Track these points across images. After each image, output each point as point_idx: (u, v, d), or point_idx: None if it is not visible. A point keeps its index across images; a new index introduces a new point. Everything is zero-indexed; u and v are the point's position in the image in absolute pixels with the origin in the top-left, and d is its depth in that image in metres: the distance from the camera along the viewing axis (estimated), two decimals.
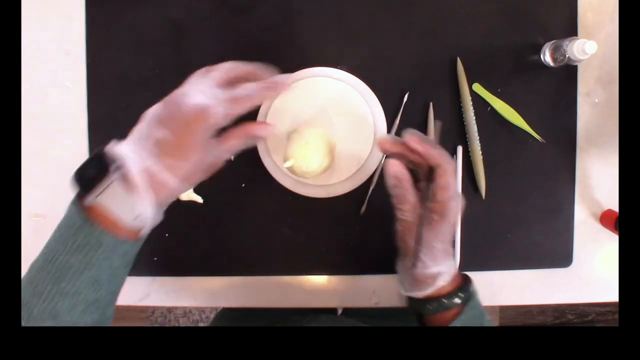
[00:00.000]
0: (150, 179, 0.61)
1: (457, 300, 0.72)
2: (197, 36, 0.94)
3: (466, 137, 0.93)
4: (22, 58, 0.94)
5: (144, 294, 0.97)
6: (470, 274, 0.96)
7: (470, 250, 0.95)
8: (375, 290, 0.97)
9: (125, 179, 0.61)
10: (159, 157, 0.62)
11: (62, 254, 0.62)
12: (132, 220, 0.62)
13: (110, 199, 0.62)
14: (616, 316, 2.15)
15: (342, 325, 0.91)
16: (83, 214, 0.62)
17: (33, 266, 0.64)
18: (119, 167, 0.62)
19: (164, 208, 0.66)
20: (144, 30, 0.94)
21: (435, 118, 0.93)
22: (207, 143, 0.66)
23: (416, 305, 0.75)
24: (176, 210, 0.94)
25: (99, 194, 0.61)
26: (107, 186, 0.61)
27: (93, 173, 0.62)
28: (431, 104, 0.93)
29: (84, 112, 0.94)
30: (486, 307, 0.76)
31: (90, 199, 0.62)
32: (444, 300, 0.72)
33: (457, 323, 0.70)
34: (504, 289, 0.97)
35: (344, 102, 0.91)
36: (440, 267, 0.71)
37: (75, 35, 0.94)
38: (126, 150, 0.62)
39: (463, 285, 0.74)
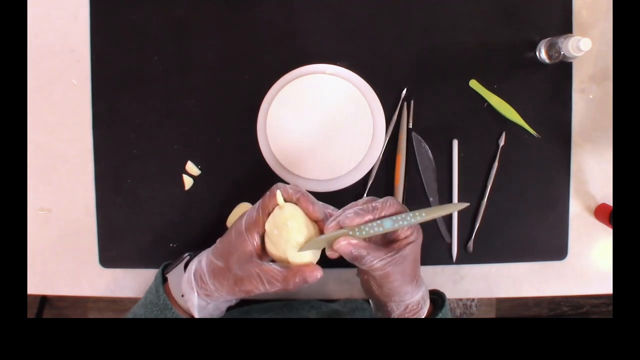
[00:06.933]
0: (195, 268, 0.71)
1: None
2: (199, 34, 0.95)
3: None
4: (28, 55, 0.95)
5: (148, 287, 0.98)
6: (467, 267, 0.97)
7: (466, 244, 0.96)
8: None
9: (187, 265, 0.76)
10: (208, 255, 0.72)
11: (140, 306, 0.76)
12: (180, 297, 0.73)
13: (172, 275, 0.76)
14: (610, 308, 2.17)
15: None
16: (160, 280, 0.76)
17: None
18: (188, 256, 0.79)
19: (212, 303, 0.73)
20: (148, 27, 0.95)
21: (427, 112, 0.95)
22: (244, 258, 0.68)
23: None
24: (179, 204, 0.95)
25: (170, 271, 0.77)
26: (175, 266, 0.77)
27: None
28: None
29: (89, 108, 0.95)
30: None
31: (167, 272, 0.78)
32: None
33: None
34: (500, 282, 0.99)
35: (342, 98, 0.92)
36: (416, 302, 0.72)
37: (80, 32, 0.95)
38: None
39: (432, 312, 0.76)
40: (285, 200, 0.68)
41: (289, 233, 0.67)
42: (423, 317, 0.73)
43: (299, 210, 0.68)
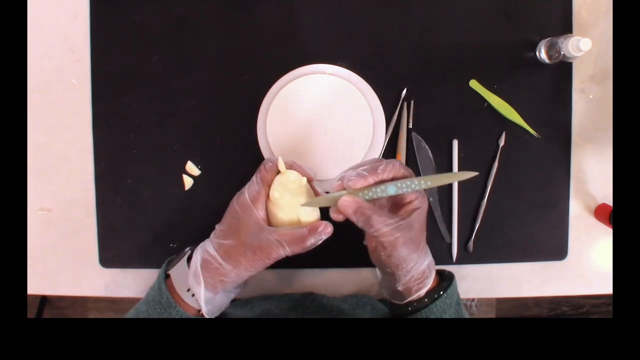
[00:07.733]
0: (202, 258, 0.71)
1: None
2: (199, 34, 0.95)
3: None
4: (28, 55, 0.95)
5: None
6: (467, 267, 0.97)
7: (467, 244, 0.96)
8: (374, 283, 0.99)
9: (190, 259, 0.75)
10: (212, 240, 0.73)
11: (143, 303, 0.75)
12: (185, 292, 0.72)
13: (174, 271, 0.75)
14: (610, 308, 2.17)
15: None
16: (162, 278, 0.75)
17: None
18: (190, 250, 0.77)
19: (220, 292, 0.73)
20: (148, 27, 0.95)
21: (427, 112, 0.95)
22: (256, 229, 0.70)
23: (400, 310, 0.76)
24: (179, 204, 0.95)
25: (172, 267, 0.76)
26: (177, 262, 0.76)
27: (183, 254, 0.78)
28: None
29: (89, 108, 0.95)
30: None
31: (168, 269, 0.77)
32: (425, 300, 0.73)
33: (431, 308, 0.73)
34: (500, 282, 0.99)
35: (343, 98, 0.92)
36: (422, 271, 0.72)
37: (80, 32, 0.95)
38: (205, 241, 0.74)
39: (438, 284, 0.76)
40: None
41: (300, 193, 0.71)
42: (428, 287, 0.73)
43: (299, 174, 0.73)
